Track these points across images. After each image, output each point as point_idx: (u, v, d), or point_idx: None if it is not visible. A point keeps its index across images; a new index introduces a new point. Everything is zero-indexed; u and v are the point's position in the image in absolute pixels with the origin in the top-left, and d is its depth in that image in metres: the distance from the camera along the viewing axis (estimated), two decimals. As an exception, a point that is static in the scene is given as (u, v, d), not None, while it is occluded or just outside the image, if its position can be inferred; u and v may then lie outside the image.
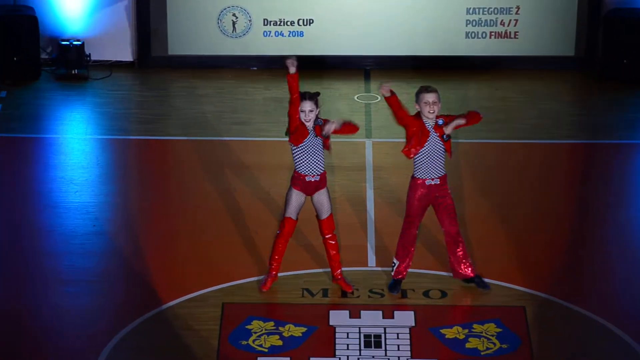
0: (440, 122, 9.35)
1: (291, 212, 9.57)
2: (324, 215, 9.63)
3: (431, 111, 9.30)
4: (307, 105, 9.43)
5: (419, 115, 9.38)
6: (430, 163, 9.37)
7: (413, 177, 9.52)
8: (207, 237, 10.60)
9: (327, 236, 9.63)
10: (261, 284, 9.66)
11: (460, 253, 9.56)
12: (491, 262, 10.13)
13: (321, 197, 9.59)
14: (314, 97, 9.53)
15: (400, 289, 9.65)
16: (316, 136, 9.45)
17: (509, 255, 10.27)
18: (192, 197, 11.40)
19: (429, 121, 9.34)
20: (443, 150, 9.37)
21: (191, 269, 10.05)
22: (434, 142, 9.34)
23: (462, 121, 9.34)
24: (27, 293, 9.70)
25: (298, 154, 9.49)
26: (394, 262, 9.65)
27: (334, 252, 9.63)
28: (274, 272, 9.67)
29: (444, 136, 9.32)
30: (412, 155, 9.40)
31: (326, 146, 9.51)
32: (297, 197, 9.57)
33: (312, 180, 9.50)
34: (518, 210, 11.15)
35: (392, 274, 9.67)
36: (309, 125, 9.44)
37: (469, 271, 9.58)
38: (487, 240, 10.56)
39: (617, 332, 9.09)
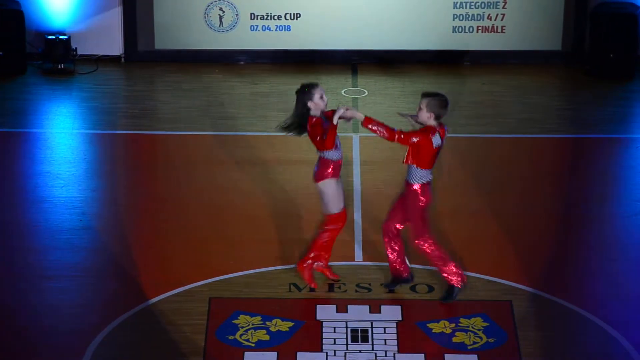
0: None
1: (343, 202, 9.37)
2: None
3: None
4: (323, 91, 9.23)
5: None
6: None
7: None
8: (193, 232, 10.58)
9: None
10: (332, 276, 9.58)
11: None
12: (478, 257, 10.14)
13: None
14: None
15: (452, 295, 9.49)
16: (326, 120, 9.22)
17: (496, 249, 10.28)
18: (179, 191, 11.39)
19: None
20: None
21: (178, 264, 10.03)
22: None
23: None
24: (12, 288, 9.67)
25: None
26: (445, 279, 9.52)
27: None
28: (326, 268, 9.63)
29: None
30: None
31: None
32: (340, 185, 9.38)
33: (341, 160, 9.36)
34: (505, 204, 11.16)
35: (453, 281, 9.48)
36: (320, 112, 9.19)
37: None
38: (474, 235, 10.57)
39: (603, 327, 9.12)
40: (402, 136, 9.01)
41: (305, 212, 10.88)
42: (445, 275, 9.40)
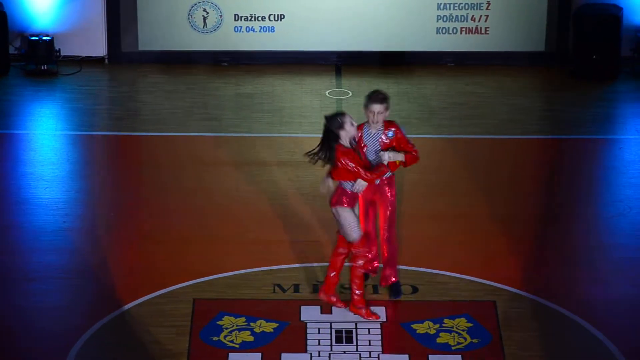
0: (390, 134, 9.18)
1: (359, 233, 9.15)
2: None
3: (375, 120, 9.14)
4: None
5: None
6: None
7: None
8: (177, 233, 10.56)
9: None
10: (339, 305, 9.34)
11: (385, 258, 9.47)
12: (461, 257, 10.15)
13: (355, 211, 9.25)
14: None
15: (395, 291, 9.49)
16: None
17: (479, 250, 10.30)
18: (163, 193, 11.36)
19: (371, 129, 9.17)
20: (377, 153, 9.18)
21: (161, 265, 10.01)
22: (373, 147, 9.20)
23: (402, 160, 9.12)
24: (-4, 290, 9.65)
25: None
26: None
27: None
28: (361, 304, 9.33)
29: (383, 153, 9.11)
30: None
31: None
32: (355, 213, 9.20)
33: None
34: (488, 205, 11.17)
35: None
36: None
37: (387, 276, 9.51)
38: (457, 236, 10.57)
39: (586, 327, 9.14)
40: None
41: (289, 213, 10.87)
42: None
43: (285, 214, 10.88)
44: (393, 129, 9.22)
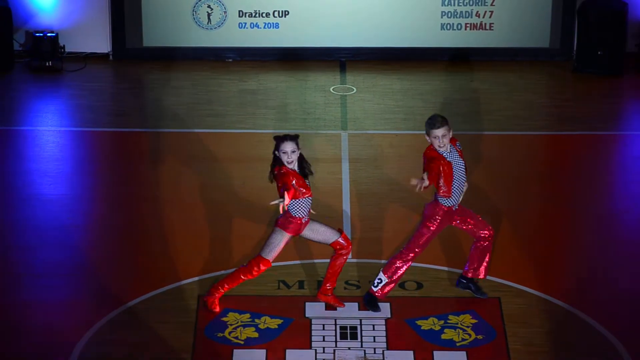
0: (458, 145, 9.08)
1: (272, 256, 9.06)
2: (335, 235, 9.10)
3: (441, 145, 8.93)
4: (289, 146, 8.86)
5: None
6: (458, 188, 9.11)
7: (437, 202, 9.12)
8: (182, 230, 10.57)
9: (348, 249, 9.14)
10: (212, 307, 9.22)
11: (487, 257, 9.42)
12: (467, 254, 10.14)
13: (315, 225, 9.10)
14: (295, 138, 8.89)
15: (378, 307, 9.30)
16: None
17: (485, 246, 10.30)
18: (167, 189, 11.37)
19: (444, 151, 8.96)
20: (464, 170, 9.11)
21: (166, 261, 10.03)
22: (458, 167, 9.06)
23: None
24: (0, 286, 9.65)
25: (299, 201, 8.95)
26: (380, 279, 9.29)
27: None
28: (219, 296, 9.22)
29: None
30: (450, 194, 9.09)
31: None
32: (286, 242, 9.06)
33: (306, 219, 9.08)
34: (493, 201, 11.18)
35: (375, 290, 9.26)
36: (292, 166, 8.88)
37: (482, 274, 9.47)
38: (462, 232, 10.56)
39: (591, 323, 9.14)
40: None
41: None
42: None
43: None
44: (457, 142, 9.11)
